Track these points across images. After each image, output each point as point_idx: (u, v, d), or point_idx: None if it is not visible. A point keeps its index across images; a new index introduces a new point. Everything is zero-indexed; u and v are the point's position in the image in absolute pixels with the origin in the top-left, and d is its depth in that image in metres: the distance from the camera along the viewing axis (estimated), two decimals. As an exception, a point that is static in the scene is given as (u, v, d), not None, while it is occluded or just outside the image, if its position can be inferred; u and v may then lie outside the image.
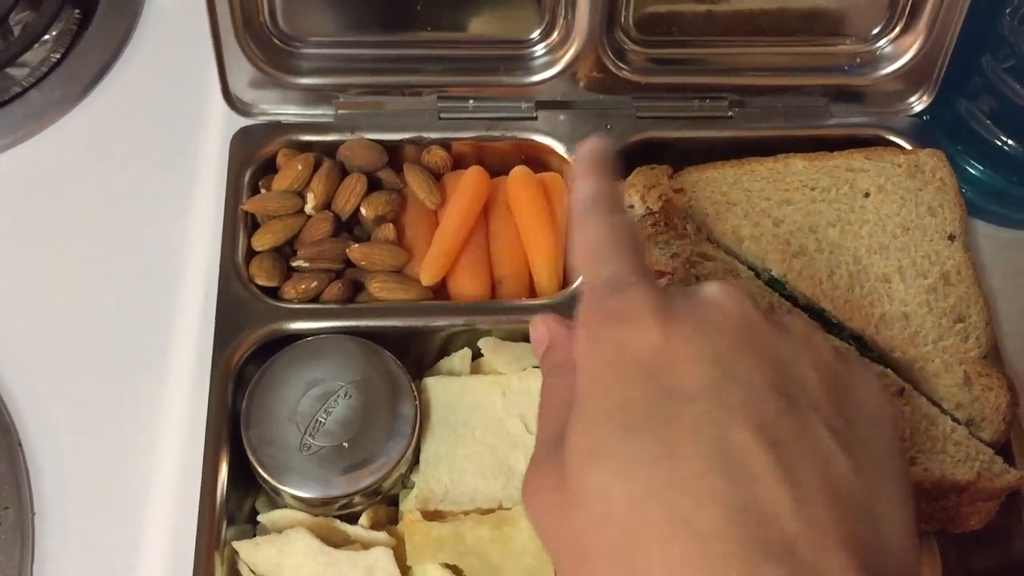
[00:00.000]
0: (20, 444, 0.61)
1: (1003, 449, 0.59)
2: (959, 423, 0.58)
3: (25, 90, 0.75)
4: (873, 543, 0.33)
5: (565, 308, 0.63)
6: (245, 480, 0.59)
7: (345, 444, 0.56)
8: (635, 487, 0.33)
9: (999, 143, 0.71)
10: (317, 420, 0.57)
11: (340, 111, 0.69)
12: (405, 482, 0.59)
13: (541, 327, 0.45)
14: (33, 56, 0.77)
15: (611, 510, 0.34)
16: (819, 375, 0.37)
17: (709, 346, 0.36)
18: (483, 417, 0.59)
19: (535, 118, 0.71)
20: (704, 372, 0.35)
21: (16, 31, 0.78)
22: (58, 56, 0.77)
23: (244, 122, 0.69)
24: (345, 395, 0.57)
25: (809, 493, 0.33)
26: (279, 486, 0.55)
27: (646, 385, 0.35)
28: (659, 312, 0.37)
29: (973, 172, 0.73)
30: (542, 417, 0.41)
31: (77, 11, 0.79)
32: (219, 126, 0.70)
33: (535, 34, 0.70)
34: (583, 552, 0.35)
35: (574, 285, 0.64)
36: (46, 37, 0.78)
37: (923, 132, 0.73)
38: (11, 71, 0.76)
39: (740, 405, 0.34)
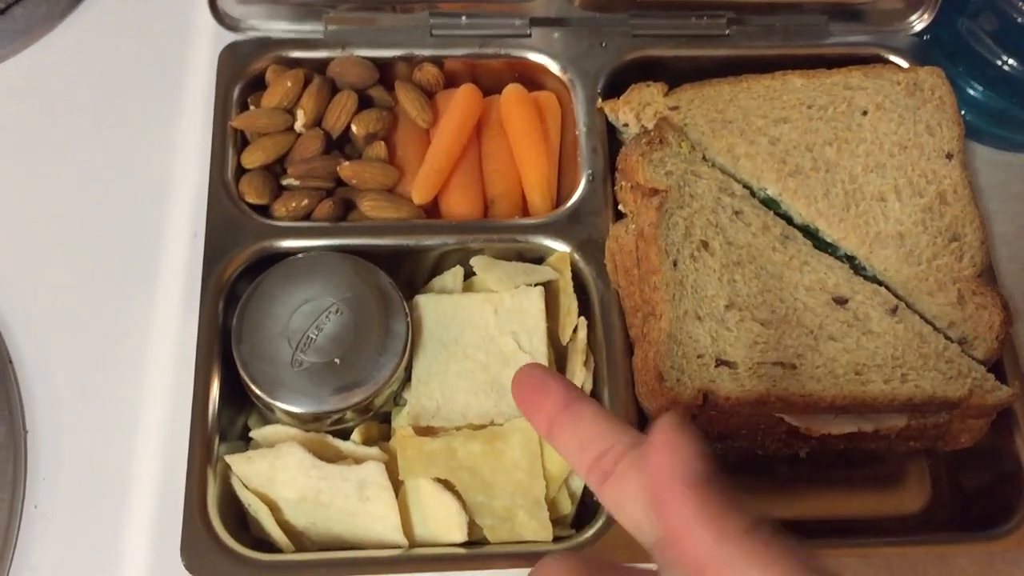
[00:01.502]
0: (11, 361, 0.61)
1: (995, 367, 0.59)
2: (952, 341, 0.58)
3: (8, 6, 0.73)
4: None
5: (557, 227, 0.63)
6: (237, 397, 0.58)
7: (337, 360, 0.56)
8: None
9: (1000, 63, 0.70)
10: (308, 336, 0.56)
11: (330, 27, 0.68)
12: (397, 400, 0.59)
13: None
14: (16, -28, 0.75)
15: None
16: None
17: None
18: (475, 334, 0.59)
19: (529, 35, 0.69)
20: None
21: (-2, -54, 0.77)
22: (42, -29, 0.75)
23: (232, 37, 0.68)
24: (336, 311, 0.57)
25: None
26: (270, 401, 0.55)
27: None
28: None
29: (973, 93, 0.72)
30: None
31: (61, -76, 0.77)
32: (207, 42, 0.69)
33: (529, -53, 0.68)
34: None
35: (568, 204, 0.63)
36: (29, -49, 0.76)
37: (923, 52, 0.71)
38: (-7, -13, 0.75)
39: None
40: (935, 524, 0.62)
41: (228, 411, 0.58)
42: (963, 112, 0.68)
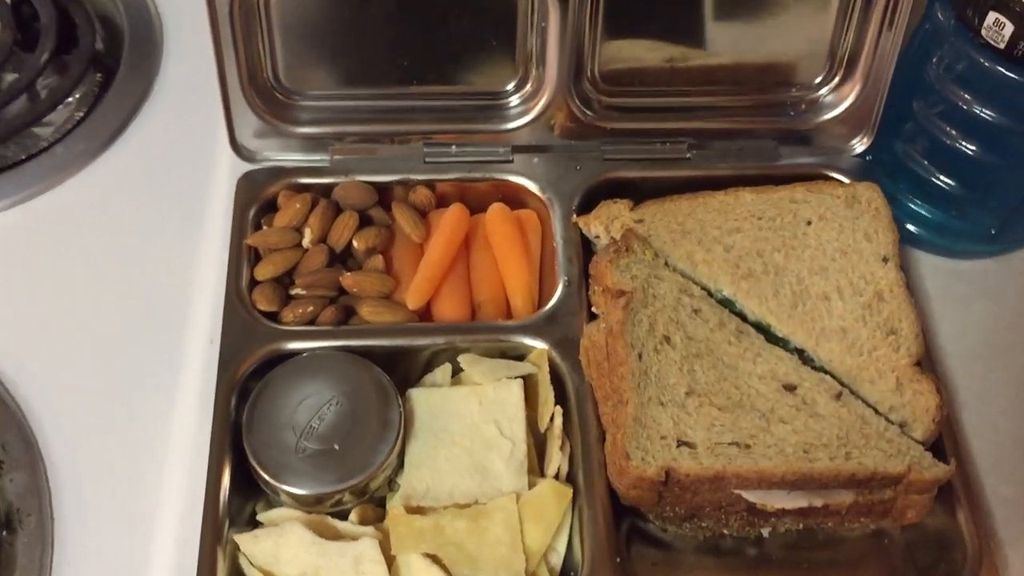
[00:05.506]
0: (42, 458, 0.67)
1: (937, 447, 0.64)
2: (892, 423, 0.64)
3: (51, 144, 0.82)
4: None
5: (537, 328, 0.69)
6: (247, 487, 0.64)
7: (336, 447, 0.62)
8: None
9: (935, 180, 0.77)
10: (311, 425, 0.62)
11: (335, 156, 0.77)
12: (391, 484, 0.65)
13: None
14: (58, 116, 0.84)
15: None
16: None
17: None
18: (462, 423, 0.65)
19: (511, 161, 0.78)
20: None
21: (43, 94, 0.85)
22: (81, 115, 0.84)
23: (248, 167, 0.77)
24: (337, 403, 0.63)
25: None
26: (277, 484, 0.61)
27: None
28: None
29: (914, 207, 0.79)
30: None
31: (99, 75, 0.87)
32: (226, 171, 0.78)
33: (510, 86, 0.77)
34: None
35: (547, 307, 0.70)
36: (70, 99, 0.85)
37: (865, 172, 0.78)
38: (37, 130, 0.83)
39: None
40: (892, 600, 0.66)
41: (238, 499, 0.64)
42: (907, 224, 0.75)
